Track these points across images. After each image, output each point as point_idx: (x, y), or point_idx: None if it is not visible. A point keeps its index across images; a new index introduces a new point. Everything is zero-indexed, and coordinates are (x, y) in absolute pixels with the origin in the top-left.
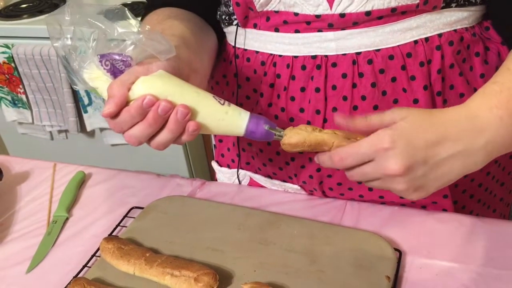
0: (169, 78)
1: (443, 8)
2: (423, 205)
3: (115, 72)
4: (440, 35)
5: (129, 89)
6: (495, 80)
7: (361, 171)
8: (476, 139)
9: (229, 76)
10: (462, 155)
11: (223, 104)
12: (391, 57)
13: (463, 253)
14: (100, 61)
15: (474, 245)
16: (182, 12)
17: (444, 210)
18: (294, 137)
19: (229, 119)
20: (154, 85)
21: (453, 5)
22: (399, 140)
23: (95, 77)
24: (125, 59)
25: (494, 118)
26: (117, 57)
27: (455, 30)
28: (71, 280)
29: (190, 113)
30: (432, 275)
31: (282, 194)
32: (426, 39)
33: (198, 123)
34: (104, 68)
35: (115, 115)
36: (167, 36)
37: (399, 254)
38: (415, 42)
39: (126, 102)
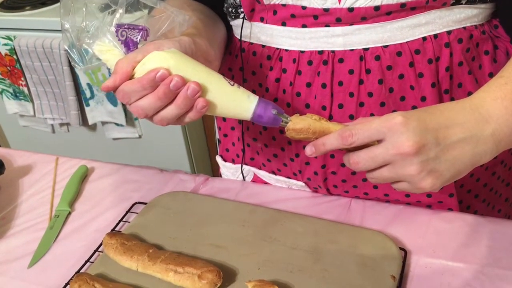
0: (182, 55)
1: (452, 4)
2: (428, 205)
3: (129, 45)
4: (449, 32)
5: (134, 68)
6: (501, 74)
7: (370, 153)
8: (483, 127)
9: (235, 70)
10: (471, 141)
11: (233, 85)
12: (399, 54)
13: (469, 253)
14: (117, 31)
15: (480, 245)
16: (193, 3)
17: (450, 209)
18: (300, 123)
19: (238, 101)
20: (167, 60)
21: (463, 1)
22: (411, 119)
23: (107, 50)
24: (142, 29)
25: (499, 108)
26: (134, 27)
27: (464, 28)
28: (74, 275)
29: (200, 91)
30: (438, 274)
31: (286, 191)
32: (435, 35)
33: (208, 100)
34: (119, 39)
35: (113, 90)
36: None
37: (404, 253)
38: (424, 38)
39: (130, 78)
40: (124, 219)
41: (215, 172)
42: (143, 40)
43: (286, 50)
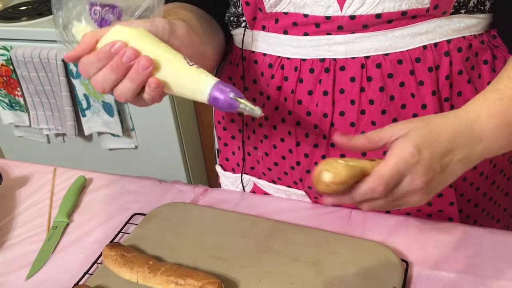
0: (145, 33)
1: (452, 14)
2: (428, 214)
3: (102, 24)
4: (449, 41)
5: (97, 41)
6: (496, 87)
7: (391, 198)
8: (475, 146)
9: (236, 78)
10: (465, 160)
11: (192, 65)
12: (399, 62)
13: (471, 264)
14: (90, 9)
15: (481, 256)
16: (192, 7)
17: (450, 219)
18: (342, 171)
19: (194, 81)
20: (127, 35)
21: (462, 11)
22: (422, 150)
23: (82, 30)
24: (114, 7)
25: (491, 127)
26: (107, 6)
27: (463, 37)
28: None
29: (151, 67)
30: (439, 286)
31: (286, 202)
32: (435, 44)
33: (159, 80)
34: (92, 18)
35: (76, 60)
36: (171, 18)
37: (406, 264)
38: (424, 47)
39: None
40: (123, 230)
41: (211, 182)
42: (116, 19)
43: (288, 58)
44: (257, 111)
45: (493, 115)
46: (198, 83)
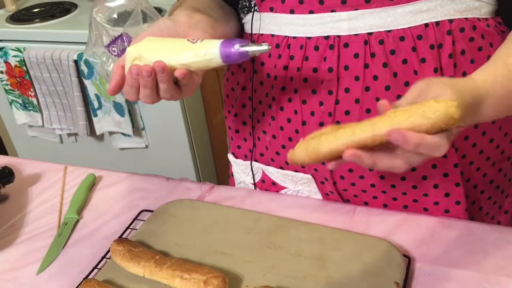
0: (153, 41)
1: None
2: (435, 201)
3: (122, 53)
4: (450, 21)
5: (122, 66)
6: (507, 61)
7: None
8: (480, 106)
9: (246, 63)
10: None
11: (196, 42)
12: (402, 38)
13: (473, 260)
14: (109, 50)
15: (484, 253)
16: None
17: (458, 202)
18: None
19: (202, 52)
20: (138, 50)
21: None
22: (460, 100)
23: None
24: (121, 36)
25: (494, 96)
26: (117, 39)
27: (466, 18)
28: (82, 282)
29: (166, 66)
30: (441, 281)
31: (291, 199)
32: (437, 23)
33: (183, 69)
34: (114, 55)
35: (117, 89)
36: (183, 8)
37: (408, 260)
38: (426, 25)
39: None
40: (131, 227)
41: (220, 181)
42: (128, 44)
43: (294, 38)
44: (265, 47)
45: (500, 98)
46: (206, 52)
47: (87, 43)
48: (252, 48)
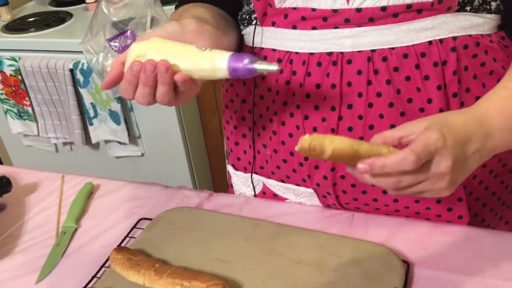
0: (159, 42)
1: (458, 11)
2: (438, 214)
3: (123, 50)
4: (454, 38)
5: (122, 62)
6: (505, 84)
7: (415, 179)
8: (486, 142)
9: None
10: (479, 153)
11: (204, 50)
12: (405, 56)
13: (471, 265)
14: (110, 45)
15: (482, 257)
16: (209, 6)
17: (460, 217)
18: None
19: (210, 61)
20: (143, 48)
21: (468, 8)
22: (447, 137)
23: (111, 63)
24: (125, 32)
25: (500, 122)
26: (120, 35)
27: (469, 35)
28: None
29: (170, 66)
30: (441, 286)
31: (290, 206)
32: (441, 40)
33: (185, 74)
34: (114, 50)
35: (111, 85)
36: (188, 16)
37: (407, 265)
38: (430, 42)
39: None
40: (129, 235)
41: (217, 188)
42: (132, 41)
43: (296, 53)
44: (274, 67)
45: (501, 111)
46: (214, 62)
47: (85, 35)
48: (261, 67)
